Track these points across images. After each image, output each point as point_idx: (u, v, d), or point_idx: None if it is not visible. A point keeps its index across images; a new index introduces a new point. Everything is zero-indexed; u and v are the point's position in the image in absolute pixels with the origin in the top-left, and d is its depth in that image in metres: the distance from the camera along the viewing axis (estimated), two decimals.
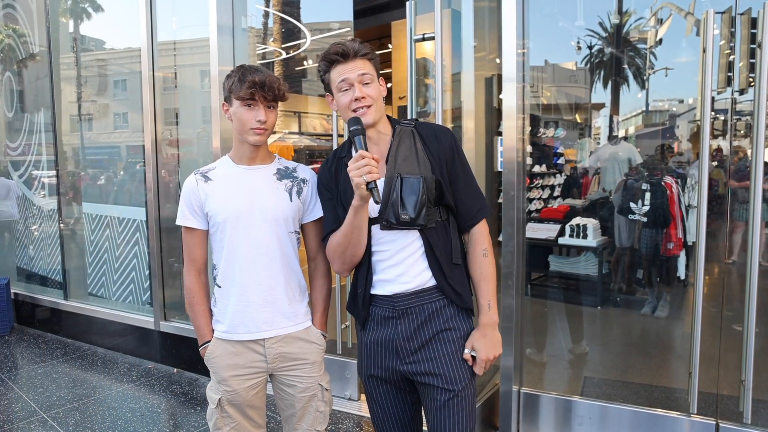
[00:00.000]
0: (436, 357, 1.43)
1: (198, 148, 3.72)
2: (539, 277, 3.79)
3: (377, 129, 1.46)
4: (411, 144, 1.42)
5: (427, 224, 1.40)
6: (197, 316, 1.64)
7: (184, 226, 1.61)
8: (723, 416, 2.24)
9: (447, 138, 1.46)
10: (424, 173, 1.39)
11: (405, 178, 1.38)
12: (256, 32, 4.83)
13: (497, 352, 1.45)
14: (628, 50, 4.77)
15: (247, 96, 1.49)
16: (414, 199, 1.37)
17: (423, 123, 1.51)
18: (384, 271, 1.46)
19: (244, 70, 1.52)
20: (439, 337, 1.44)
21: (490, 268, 1.46)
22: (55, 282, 4.51)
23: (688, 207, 3.27)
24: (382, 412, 1.55)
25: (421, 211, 1.37)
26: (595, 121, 5.09)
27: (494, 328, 1.46)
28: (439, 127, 1.51)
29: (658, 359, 3.13)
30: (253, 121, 1.51)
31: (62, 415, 2.97)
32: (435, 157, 1.42)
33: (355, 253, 1.46)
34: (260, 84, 1.49)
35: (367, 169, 1.29)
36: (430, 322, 1.43)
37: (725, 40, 2.70)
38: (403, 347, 1.45)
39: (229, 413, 1.61)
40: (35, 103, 4.65)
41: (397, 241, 1.43)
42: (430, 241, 1.42)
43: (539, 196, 4.57)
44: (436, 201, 1.42)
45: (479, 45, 2.87)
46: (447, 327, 1.44)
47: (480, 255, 1.46)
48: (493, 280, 1.46)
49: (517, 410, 2.56)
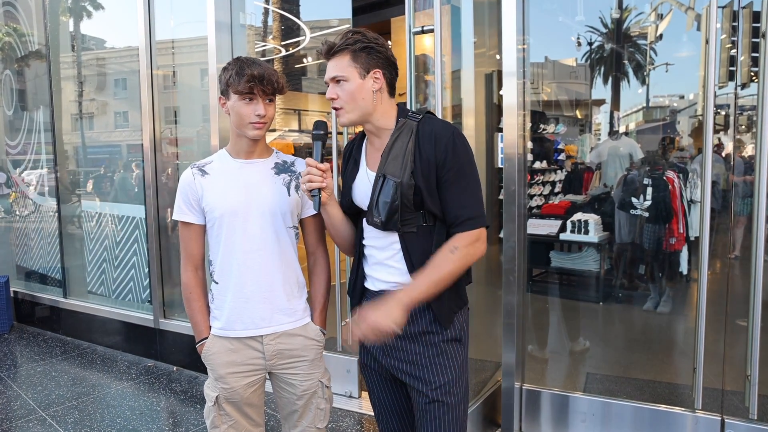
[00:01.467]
0: (417, 361, 1.39)
1: (197, 147, 3.71)
2: (540, 274, 3.78)
3: (374, 124, 1.41)
4: (405, 142, 1.36)
5: (402, 229, 1.35)
6: (194, 312, 1.61)
7: (181, 220, 1.58)
8: (728, 412, 2.23)
9: (444, 140, 1.33)
10: (402, 177, 1.31)
11: (387, 180, 1.33)
12: (255, 30, 4.81)
13: (382, 321, 1.23)
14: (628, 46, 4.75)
15: (246, 90, 1.46)
16: (386, 203, 1.33)
17: (429, 119, 1.40)
18: (371, 267, 1.46)
19: (242, 63, 1.49)
20: (421, 339, 1.39)
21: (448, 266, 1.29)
22: (55, 280, 4.50)
23: (690, 202, 3.26)
24: (379, 403, 1.55)
25: (393, 217, 1.33)
26: (596, 117, 5.07)
27: (398, 305, 1.25)
28: (441, 126, 1.37)
29: (660, 355, 3.12)
30: (253, 115, 1.49)
31: (61, 413, 2.95)
32: (424, 159, 1.32)
33: (339, 243, 1.56)
34: (259, 78, 1.46)
35: (308, 178, 1.36)
36: (413, 322, 1.38)
37: (726, 34, 2.69)
38: (386, 343, 1.43)
39: (227, 411, 1.58)
40: (35, 102, 4.64)
41: (381, 239, 1.41)
42: (408, 245, 1.37)
43: (540, 192, 4.56)
44: (417, 206, 1.34)
45: (479, 41, 2.85)
46: (430, 330, 1.38)
47: (447, 248, 1.31)
48: (438, 275, 1.29)
49: (519, 407, 2.55)
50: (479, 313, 2.93)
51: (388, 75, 1.39)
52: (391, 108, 1.43)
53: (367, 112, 1.39)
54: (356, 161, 1.49)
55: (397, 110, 1.44)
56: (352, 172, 1.49)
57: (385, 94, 1.40)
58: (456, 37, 2.79)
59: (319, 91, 6.52)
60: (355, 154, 1.51)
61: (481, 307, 2.96)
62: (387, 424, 1.56)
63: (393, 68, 1.41)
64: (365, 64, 1.36)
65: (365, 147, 1.50)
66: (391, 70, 1.40)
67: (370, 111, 1.39)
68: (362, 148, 1.50)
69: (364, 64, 1.35)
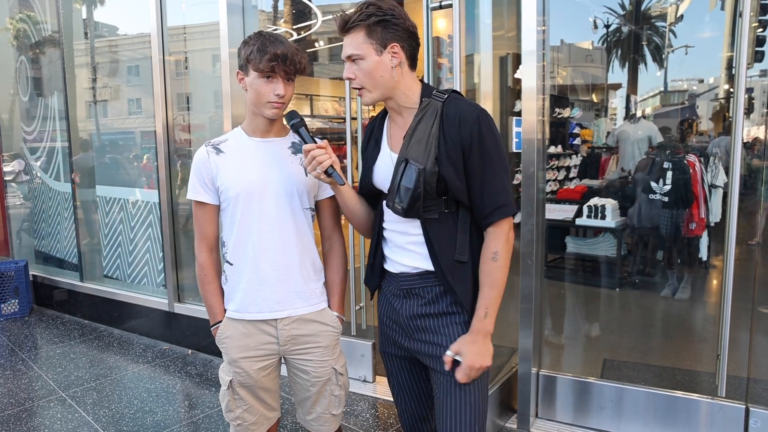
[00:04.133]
0: (439, 341, 1.36)
1: (210, 133, 3.70)
2: (555, 259, 3.74)
3: (397, 101, 1.35)
4: (429, 125, 1.29)
5: (424, 215, 1.32)
6: (209, 294, 1.59)
7: (195, 200, 1.55)
8: (753, 400, 2.19)
9: (469, 124, 1.26)
10: (426, 164, 1.26)
11: (409, 164, 1.28)
12: (266, 15, 4.76)
13: (485, 363, 1.31)
14: (646, 28, 4.63)
15: (268, 69, 1.42)
16: (408, 190, 1.28)
17: (455, 99, 1.32)
18: (390, 249, 1.43)
19: (264, 39, 1.43)
20: (443, 320, 1.37)
21: (498, 274, 1.30)
22: (72, 264, 4.56)
23: (711, 186, 3.18)
24: (398, 386, 1.54)
25: (415, 204, 1.28)
26: (612, 101, 4.98)
27: (486, 338, 1.32)
28: (468, 108, 1.29)
29: (679, 342, 3.07)
30: (272, 94, 1.44)
31: (80, 394, 3.00)
32: (449, 145, 1.27)
33: (356, 224, 1.53)
34: (282, 57, 1.41)
35: (316, 161, 1.33)
36: (434, 303, 1.37)
37: (754, 12, 2.59)
38: (408, 325, 1.41)
39: (241, 395, 1.57)
40: (49, 89, 4.66)
41: (402, 224, 1.37)
42: (429, 232, 1.33)
43: (555, 177, 4.49)
44: (440, 193, 1.29)
45: (495, 23, 2.78)
46: (451, 311, 1.36)
47: (488, 258, 1.30)
48: (497, 286, 1.31)
49: (536, 392, 2.53)
50: None
51: (407, 48, 1.31)
52: (414, 83, 1.36)
53: (388, 89, 1.33)
54: (377, 141, 1.44)
55: (421, 88, 1.37)
56: (373, 152, 1.44)
57: (406, 68, 1.33)
58: (470, 18, 2.73)
59: (330, 76, 6.47)
60: (376, 134, 1.45)
61: None
62: (406, 406, 1.55)
63: (413, 39, 1.32)
64: (381, 39, 1.28)
65: (387, 126, 1.44)
66: (411, 41, 1.31)
67: (392, 87, 1.33)
68: (384, 128, 1.44)
69: (380, 39, 1.28)
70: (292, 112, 1.46)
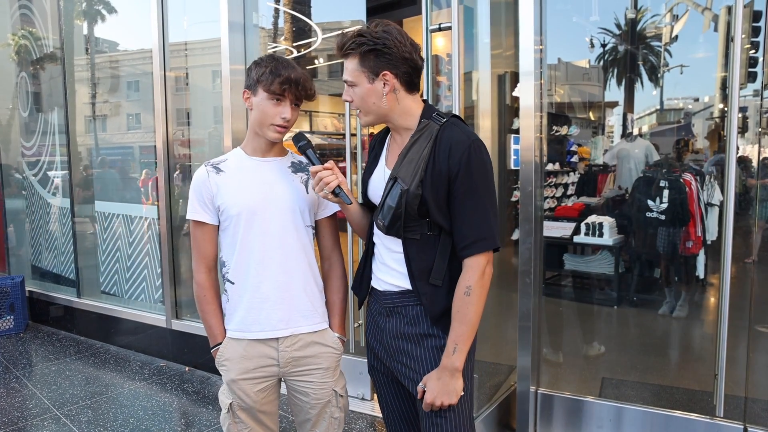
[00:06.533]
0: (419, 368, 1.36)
1: (209, 148, 3.72)
2: (553, 276, 3.74)
3: (394, 123, 1.38)
4: (423, 147, 1.31)
5: (405, 235, 1.32)
6: (208, 315, 1.57)
7: (194, 220, 1.55)
8: (751, 420, 2.18)
9: (459, 152, 1.26)
10: (410, 185, 1.27)
11: (396, 183, 1.30)
12: (266, 32, 4.82)
13: (448, 401, 1.28)
14: (642, 47, 4.70)
15: (279, 91, 1.44)
16: (391, 209, 1.30)
17: (452, 124, 1.32)
18: (377, 265, 1.45)
19: (278, 63, 1.46)
20: (423, 343, 1.36)
21: (470, 309, 1.27)
22: (68, 280, 4.54)
23: (707, 205, 3.21)
24: (387, 406, 1.54)
25: (395, 223, 1.30)
26: (609, 119, 5.02)
27: (453, 375, 1.28)
28: (461, 137, 1.28)
29: (677, 361, 3.07)
30: (278, 117, 1.46)
31: (75, 412, 2.97)
32: (436, 170, 1.27)
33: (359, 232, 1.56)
34: (295, 81, 1.44)
35: (323, 182, 1.37)
36: (416, 323, 1.36)
37: (746, 34, 2.64)
38: (390, 345, 1.41)
39: (242, 418, 1.57)
40: (49, 104, 4.69)
41: (387, 239, 1.39)
42: (408, 252, 1.34)
43: (552, 194, 4.51)
44: (422, 215, 1.30)
45: (493, 42, 2.83)
46: (432, 333, 1.35)
47: (461, 292, 1.28)
48: (468, 323, 1.27)
49: (534, 411, 2.52)
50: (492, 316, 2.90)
51: (402, 74, 1.31)
52: (413, 105, 1.37)
53: (382, 114, 1.36)
54: (377, 156, 1.47)
55: (423, 108, 1.38)
56: (371, 166, 1.47)
57: (401, 94, 1.33)
58: (468, 37, 2.77)
59: (329, 92, 6.52)
60: (377, 149, 1.49)
61: (494, 309, 2.94)
62: (394, 427, 1.54)
63: (407, 65, 1.32)
64: (373, 68, 1.30)
65: (388, 142, 1.46)
66: (406, 67, 1.32)
67: (386, 112, 1.35)
68: (385, 143, 1.47)
69: (372, 68, 1.30)
70: (299, 134, 1.49)
